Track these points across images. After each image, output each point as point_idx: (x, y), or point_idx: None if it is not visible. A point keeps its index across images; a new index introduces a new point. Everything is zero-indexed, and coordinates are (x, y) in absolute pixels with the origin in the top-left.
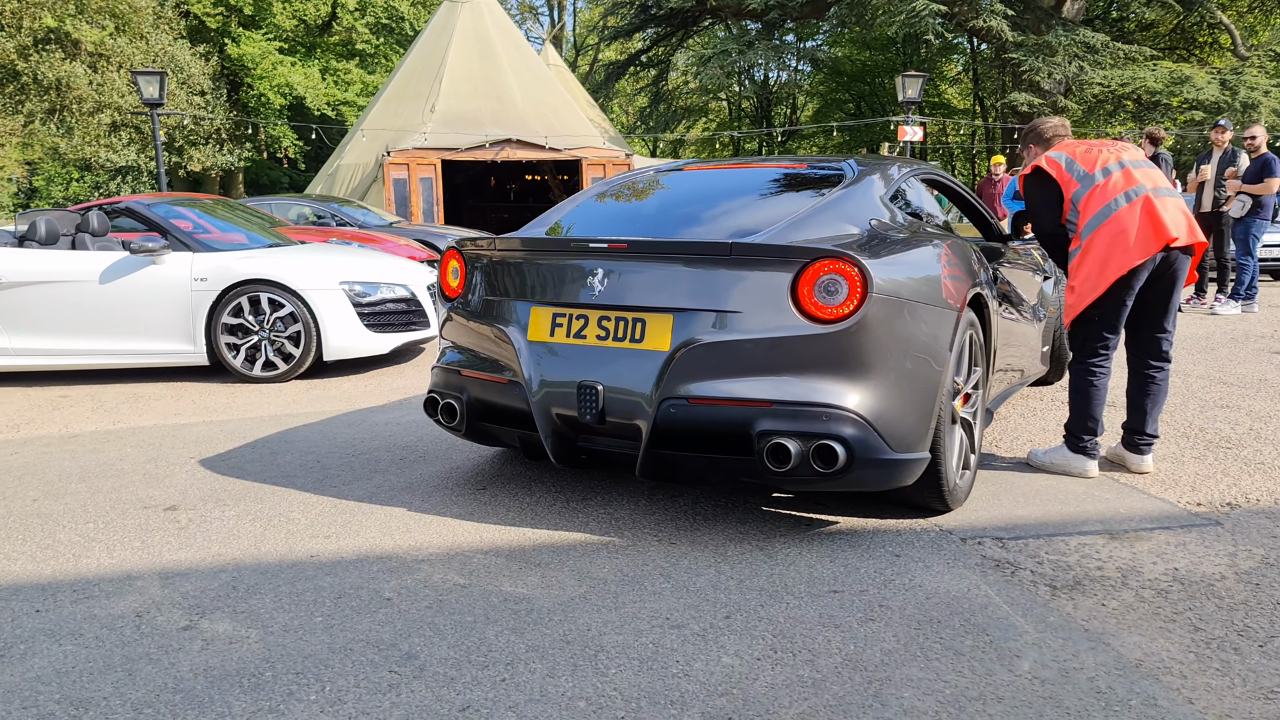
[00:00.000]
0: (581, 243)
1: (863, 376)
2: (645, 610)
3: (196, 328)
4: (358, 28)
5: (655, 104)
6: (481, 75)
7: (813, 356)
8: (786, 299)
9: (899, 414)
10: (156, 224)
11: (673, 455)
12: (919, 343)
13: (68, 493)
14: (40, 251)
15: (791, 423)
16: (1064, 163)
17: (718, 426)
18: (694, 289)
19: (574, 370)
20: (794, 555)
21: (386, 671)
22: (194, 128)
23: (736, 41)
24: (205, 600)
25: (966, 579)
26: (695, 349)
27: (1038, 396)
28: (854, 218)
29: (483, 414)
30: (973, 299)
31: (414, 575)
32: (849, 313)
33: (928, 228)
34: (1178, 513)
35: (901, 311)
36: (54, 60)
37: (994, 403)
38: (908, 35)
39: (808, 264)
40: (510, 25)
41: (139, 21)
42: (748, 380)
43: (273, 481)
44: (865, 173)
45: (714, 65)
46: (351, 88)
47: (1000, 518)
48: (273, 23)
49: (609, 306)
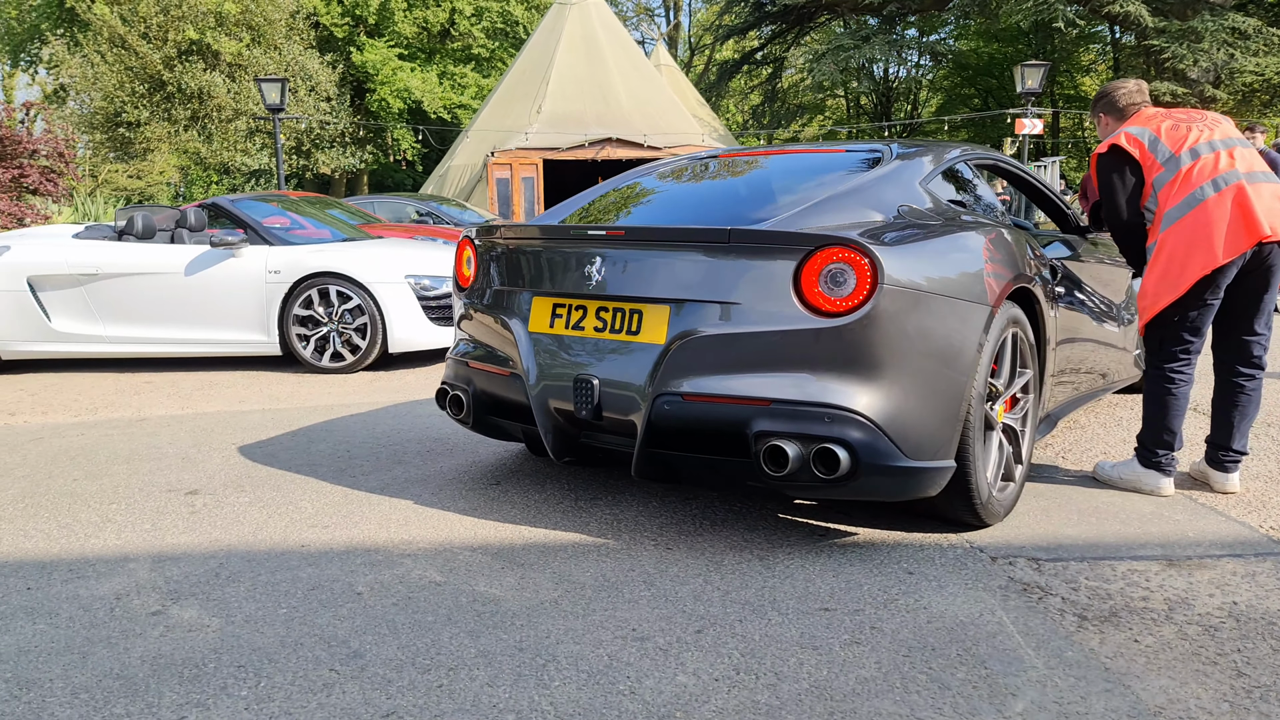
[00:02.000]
0: (580, 230)
1: (872, 375)
2: (614, 619)
3: (270, 319)
4: (474, 33)
5: (768, 101)
6: (588, 76)
7: (816, 352)
8: (789, 290)
9: (915, 418)
10: (239, 218)
11: (670, 455)
12: (940, 340)
13: (108, 474)
14: (133, 245)
15: (791, 424)
16: (1147, 141)
17: (713, 425)
18: (692, 279)
19: (572, 363)
20: (794, 568)
21: (327, 670)
22: (320, 132)
23: (852, 36)
24: (185, 585)
25: (982, 603)
26: (691, 342)
27: (1128, 404)
28: (880, 203)
29: (489, 407)
30: (1017, 294)
31: (393, 570)
32: (856, 305)
33: (968, 216)
34: (1257, 539)
35: (919, 305)
36: (195, 71)
37: (1062, 410)
38: (1038, 24)
39: (812, 252)
40: (618, 26)
41: (273, 33)
42: (746, 377)
43: (296, 470)
44: (905, 156)
45: (827, 61)
46: (467, 91)
47: (1044, 536)
48: (394, 30)
49: (607, 297)
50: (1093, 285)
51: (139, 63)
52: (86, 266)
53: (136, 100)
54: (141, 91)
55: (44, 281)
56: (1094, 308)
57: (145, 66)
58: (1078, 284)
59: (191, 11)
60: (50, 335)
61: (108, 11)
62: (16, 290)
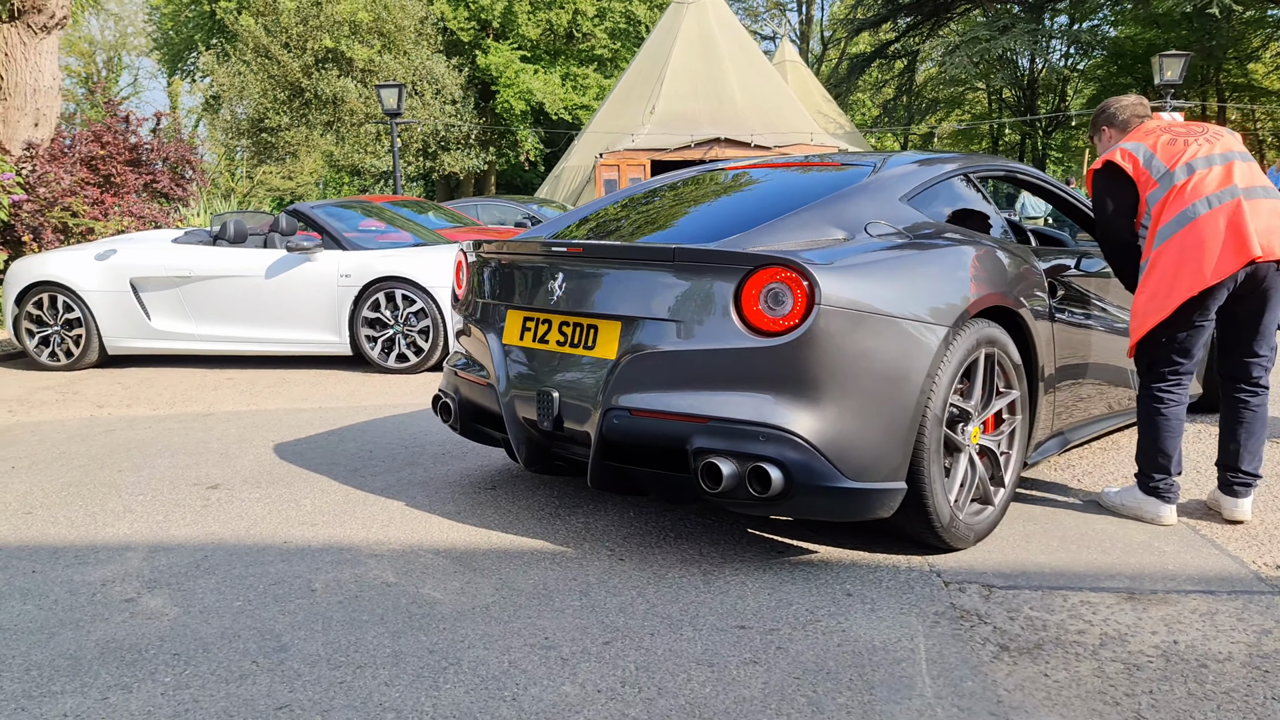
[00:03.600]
0: (546, 245)
1: (810, 396)
2: (533, 627)
3: (341, 320)
4: (596, 34)
5: (901, 95)
6: (703, 75)
7: (755, 371)
8: (730, 309)
9: (857, 439)
10: (316, 224)
11: (622, 467)
12: (886, 361)
13: (150, 466)
14: (222, 249)
15: (727, 441)
16: (1142, 156)
17: (658, 440)
18: (641, 296)
19: (536, 376)
20: (733, 584)
21: (249, 662)
22: (445, 134)
23: (990, 27)
24: (165, 575)
25: (907, 628)
26: (638, 358)
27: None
28: (847, 220)
29: (474, 415)
30: (995, 312)
31: (355, 569)
32: (794, 325)
33: (951, 232)
34: (1241, 576)
35: (861, 325)
36: (330, 77)
37: (1080, 430)
38: (1198, 8)
39: (751, 272)
40: (735, 23)
41: (402, 39)
42: (687, 394)
43: (315, 468)
44: (894, 170)
45: (962, 54)
46: (589, 92)
47: (1011, 562)
48: (518, 33)
49: (568, 312)
50: (1120, 299)
51: (280, 71)
52: (180, 269)
53: (278, 106)
54: (282, 98)
55: (144, 283)
56: (1120, 321)
57: (286, 74)
58: (1095, 300)
59: (328, 21)
60: (149, 333)
61: (252, 23)
62: (121, 291)
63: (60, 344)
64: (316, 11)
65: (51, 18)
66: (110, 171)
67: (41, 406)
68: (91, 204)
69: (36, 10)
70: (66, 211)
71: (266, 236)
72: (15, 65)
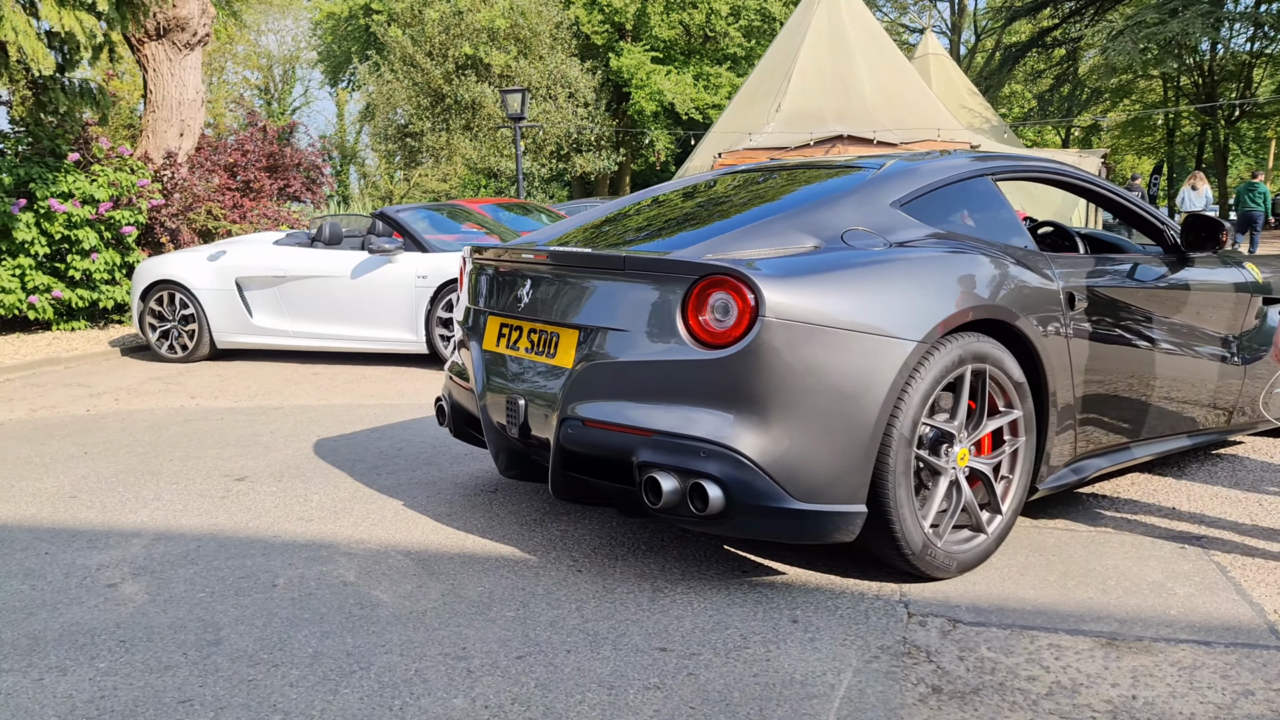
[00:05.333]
0: (517, 252)
1: (755, 411)
2: (456, 636)
3: (418, 320)
4: (730, 32)
5: (1059, 85)
6: (832, 70)
7: (700, 385)
8: (676, 319)
9: (806, 458)
10: (400, 226)
11: (582, 479)
12: (841, 377)
13: (200, 456)
14: (316, 250)
15: (670, 456)
16: None
17: (608, 452)
18: (596, 304)
19: (508, 381)
20: (679, 602)
21: (180, 654)
22: (578, 136)
23: (1158, 10)
24: (155, 563)
25: (839, 661)
26: (591, 368)
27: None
28: (822, 227)
29: (465, 419)
30: (990, 326)
31: (323, 567)
32: (737, 337)
33: (936, 240)
34: (1254, 625)
35: (812, 339)
36: (469, 83)
37: (1106, 459)
38: None
39: (696, 282)
40: (868, 17)
41: (538, 44)
42: (636, 405)
43: (340, 463)
44: (886, 174)
45: (1125, 40)
46: (720, 91)
47: (993, 596)
48: (652, 35)
49: (535, 319)
50: (1170, 314)
51: (424, 78)
52: (278, 269)
53: (421, 113)
54: (425, 105)
55: (248, 282)
56: (1169, 339)
57: (429, 82)
58: (1142, 314)
59: (468, 29)
60: (251, 329)
61: (400, 33)
62: (227, 289)
63: (177, 338)
64: (457, 20)
65: (194, 35)
66: (249, 178)
67: (144, 396)
68: (231, 207)
69: (180, 28)
70: (209, 216)
71: (365, 238)
72: (162, 80)
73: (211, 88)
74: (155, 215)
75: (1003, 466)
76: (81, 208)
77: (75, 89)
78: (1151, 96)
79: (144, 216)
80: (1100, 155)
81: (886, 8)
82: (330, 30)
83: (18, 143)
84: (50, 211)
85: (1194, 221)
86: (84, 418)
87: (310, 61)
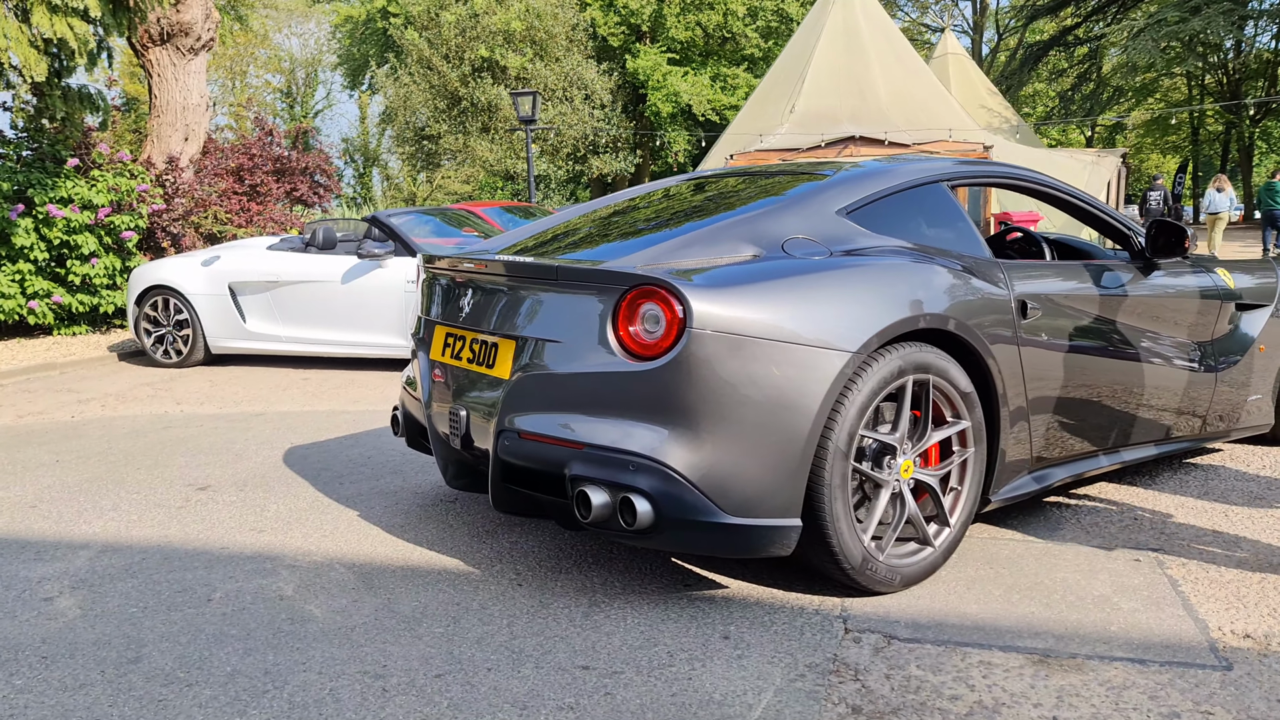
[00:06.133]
0: (457, 261)
1: (683, 424)
2: (379, 654)
3: (407, 325)
4: (747, 33)
5: (1081, 84)
6: (846, 71)
7: (630, 397)
8: (607, 330)
9: (737, 471)
10: (391, 231)
11: (520, 490)
12: (772, 389)
13: (166, 465)
14: (308, 255)
15: (599, 470)
16: None
17: (541, 465)
18: (531, 314)
19: (451, 393)
20: (612, 618)
21: (98, 672)
22: (594, 138)
23: (1179, 8)
24: (95, 577)
25: (763, 680)
26: (525, 380)
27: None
28: (762, 236)
29: (417, 429)
30: (934, 335)
31: (262, 580)
32: (665, 348)
33: (879, 250)
34: (1194, 644)
35: (742, 350)
36: (485, 86)
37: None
38: None
39: (626, 292)
40: (883, 17)
41: (554, 46)
42: (568, 417)
43: (305, 472)
44: (835, 182)
45: (1146, 38)
46: (737, 92)
47: (934, 611)
48: (668, 36)
49: (477, 329)
50: (1133, 320)
51: (440, 81)
52: (271, 274)
53: (438, 115)
54: (442, 107)
55: (242, 287)
56: (1132, 346)
57: (445, 84)
58: (1106, 321)
59: (484, 32)
60: (245, 334)
61: (417, 36)
62: (221, 294)
63: (172, 343)
64: (474, 23)
65: (198, 40)
66: (256, 181)
67: (131, 402)
68: (238, 211)
69: (184, 33)
70: (214, 220)
71: (360, 243)
72: (166, 84)
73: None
74: (157, 220)
75: (951, 478)
76: (80, 213)
77: (74, 94)
78: (1175, 95)
79: (144, 221)
80: (1120, 154)
81: (908, 7)
82: (348, 34)
83: (18, 148)
84: (49, 217)
85: (1160, 227)
86: (66, 424)
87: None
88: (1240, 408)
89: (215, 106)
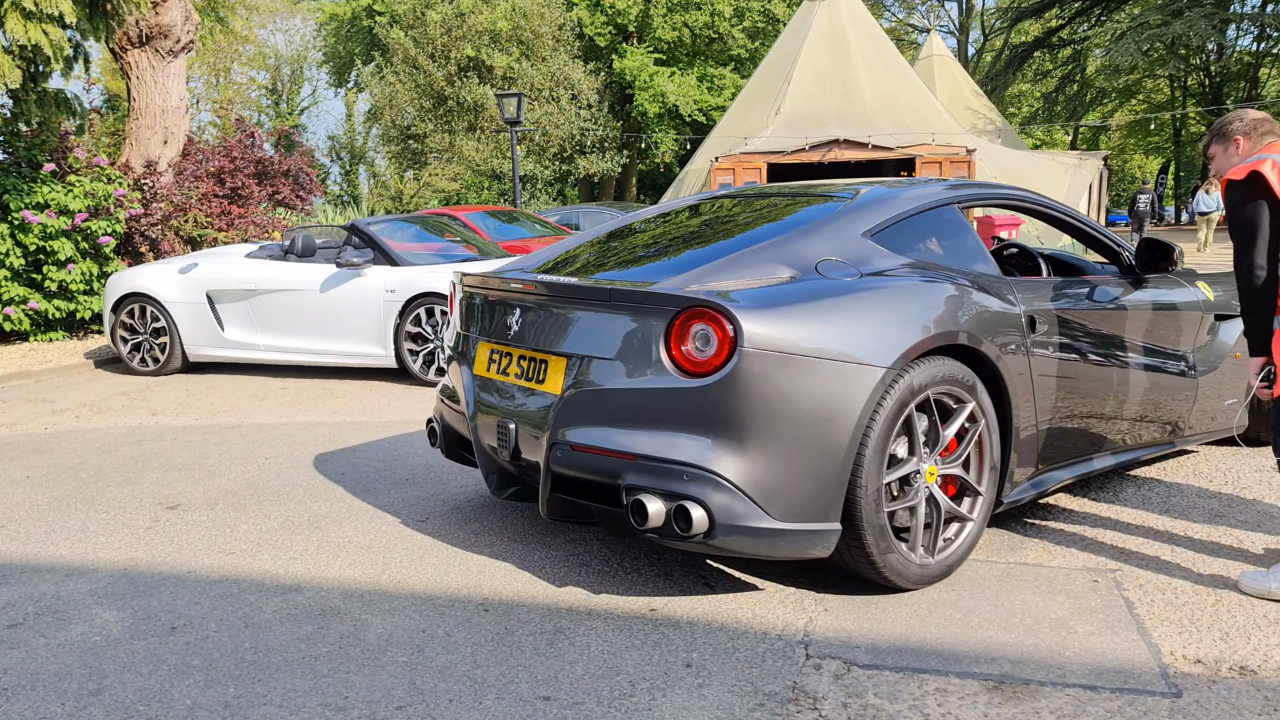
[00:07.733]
0: (505, 281)
1: (734, 436)
2: (343, 684)
3: (387, 334)
4: (734, 34)
5: (1065, 85)
6: (832, 74)
7: (683, 411)
8: (660, 349)
9: (783, 479)
10: (370, 239)
11: (572, 500)
12: (816, 403)
13: (137, 482)
14: (285, 263)
15: (654, 479)
16: None
17: (595, 475)
18: (584, 334)
19: (498, 406)
20: (576, 645)
21: (57, 705)
22: (580, 138)
23: (1161, 11)
24: (61, 602)
25: (722, 710)
26: (579, 395)
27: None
28: (797, 258)
29: (456, 441)
30: (956, 350)
31: (226, 606)
32: (717, 366)
33: (904, 270)
34: (1146, 669)
35: (789, 366)
36: (471, 85)
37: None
38: None
39: (678, 313)
40: (869, 20)
41: (540, 46)
42: (621, 430)
43: (278, 489)
44: (858, 205)
45: (1129, 41)
46: (724, 93)
47: (895, 635)
48: (654, 36)
49: (525, 346)
50: (1127, 332)
51: (426, 80)
52: (248, 282)
53: (423, 114)
54: (428, 106)
55: (219, 295)
56: (1126, 356)
57: (431, 83)
58: (1095, 332)
59: (470, 31)
60: (223, 342)
61: (402, 35)
62: (199, 302)
63: (149, 351)
64: (460, 22)
65: (177, 42)
66: (237, 184)
67: (106, 413)
68: (218, 214)
69: (163, 36)
70: (194, 224)
71: (341, 250)
72: (145, 87)
73: (219, 87)
74: (134, 224)
75: (969, 486)
76: (57, 218)
77: (51, 99)
78: (1158, 97)
79: (121, 226)
80: (1102, 157)
81: (895, 7)
82: (334, 32)
83: None
84: (25, 223)
85: (1148, 244)
86: (39, 437)
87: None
88: (1218, 411)
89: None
